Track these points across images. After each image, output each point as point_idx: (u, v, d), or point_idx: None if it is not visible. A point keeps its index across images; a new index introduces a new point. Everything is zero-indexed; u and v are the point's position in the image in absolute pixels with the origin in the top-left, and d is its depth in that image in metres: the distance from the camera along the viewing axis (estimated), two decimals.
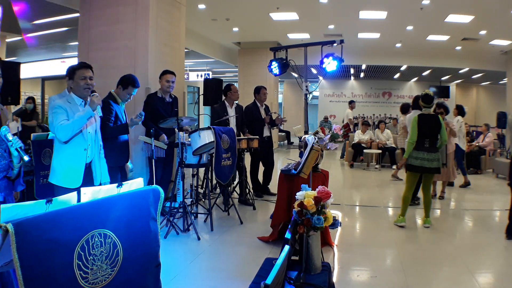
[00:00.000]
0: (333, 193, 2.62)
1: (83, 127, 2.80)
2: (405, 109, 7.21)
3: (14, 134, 2.34)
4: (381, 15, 9.28)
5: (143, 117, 3.55)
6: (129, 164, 3.72)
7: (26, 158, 2.33)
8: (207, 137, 4.18)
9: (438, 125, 4.43)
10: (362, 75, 21.67)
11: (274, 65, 5.00)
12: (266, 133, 5.75)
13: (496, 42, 11.51)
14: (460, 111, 6.99)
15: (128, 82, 3.72)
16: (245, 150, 5.18)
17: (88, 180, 2.90)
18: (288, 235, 2.34)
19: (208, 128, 4.28)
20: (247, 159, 5.47)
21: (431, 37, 11.43)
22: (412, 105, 5.94)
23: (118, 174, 3.71)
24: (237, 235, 4.20)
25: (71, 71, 2.84)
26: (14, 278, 1.78)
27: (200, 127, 4.59)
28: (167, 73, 4.55)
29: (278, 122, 5.78)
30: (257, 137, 5.32)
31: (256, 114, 5.68)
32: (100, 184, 2.97)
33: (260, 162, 5.84)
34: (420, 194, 4.94)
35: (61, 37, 10.33)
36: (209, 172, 5.04)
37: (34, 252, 1.24)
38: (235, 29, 11.23)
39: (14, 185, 2.61)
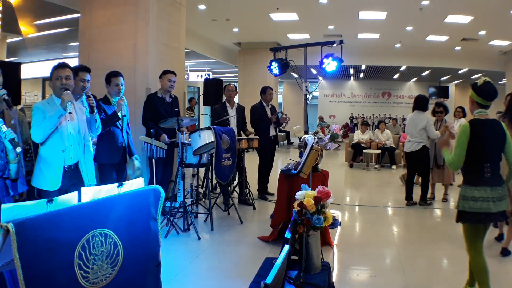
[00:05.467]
0: (333, 193, 2.63)
1: (58, 126, 2.70)
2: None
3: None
4: (381, 15, 9.30)
5: (124, 98, 3.70)
6: (137, 163, 3.70)
7: (18, 149, 2.34)
8: (207, 137, 4.19)
9: (503, 137, 2.62)
10: (361, 75, 21.69)
11: (274, 65, 5.00)
12: (272, 132, 5.77)
13: (496, 42, 11.52)
14: (464, 112, 6.82)
15: (108, 76, 3.82)
16: (246, 150, 5.18)
17: (78, 181, 2.84)
18: (288, 234, 2.35)
19: (208, 128, 4.29)
20: (248, 159, 5.48)
21: (430, 38, 11.44)
22: (414, 105, 5.42)
23: (113, 172, 3.72)
24: (237, 234, 4.21)
25: (50, 72, 2.77)
26: (7, 278, 1.77)
27: (200, 127, 4.60)
28: (168, 72, 4.58)
29: (282, 121, 5.81)
30: (257, 137, 5.32)
31: (262, 114, 5.70)
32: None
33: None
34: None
35: (62, 37, 10.35)
36: (209, 172, 5.04)
37: (35, 252, 1.25)
38: (235, 29, 11.24)
39: (17, 186, 2.60)
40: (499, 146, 2.61)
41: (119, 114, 3.65)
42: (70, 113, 2.70)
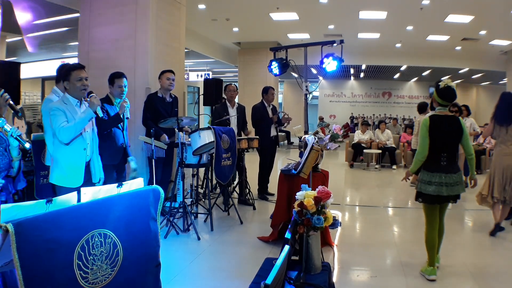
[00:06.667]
0: (333, 193, 2.62)
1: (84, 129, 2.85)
2: (422, 108, 6.94)
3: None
4: (381, 15, 9.29)
5: (127, 100, 3.70)
6: (133, 164, 3.69)
7: (27, 145, 2.36)
8: (207, 137, 4.18)
9: (460, 132, 3.05)
10: (362, 75, 21.69)
11: (274, 65, 5.00)
12: (273, 132, 5.76)
13: (496, 42, 11.52)
14: (468, 111, 6.73)
15: (112, 76, 3.82)
16: (246, 150, 5.18)
17: (88, 178, 2.94)
18: (288, 235, 2.34)
19: (208, 128, 4.28)
20: (248, 159, 5.47)
21: (431, 37, 11.44)
22: (431, 105, 5.62)
23: (113, 173, 3.73)
24: (237, 235, 4.20)
25: (66, 72, 2.84)
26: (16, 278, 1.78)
27: (200, 127, 4.60)
28: (166, 71, 4.59)
29: (284, 121, 5.79)
30: (257, 137, 5.32)
31: (263, 114, 5.69)
32: (99, 180, 3.03)
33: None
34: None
35: (61, 37, 10.34)
36: (209, 172, 5.04)
37: (34, 252, 1.24)
38: (235, 29, 11.24)
39: (15, 183, 2.61)
40: (456, 139, 3.05)
41: (121, 116, 3.64)
42: (101, 117, 2.94)
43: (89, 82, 2.92)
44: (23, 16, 7.82)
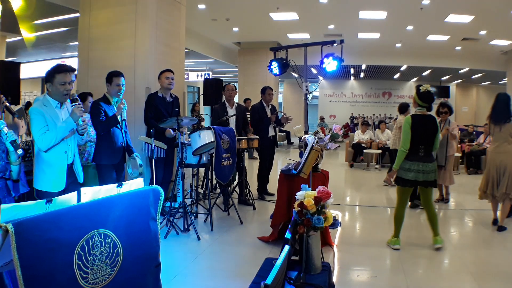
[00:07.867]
0: (333, 193, 2.62)
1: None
2: (403, 108, 7.10)
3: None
4: (381, 15, 9.29)
5: (125, 102, 3.68)
6: (139, 160, 3.65)
7: (19, 151, 2.36)
8: (207, 137, 4.18)
9: (435, 128, 3.68)
10: (362, 75, 21.69)
11: (274, 65, 5.00)
12: (271, 132, 5.75)
13: (496, 42, 11.52)
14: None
15: (110, 75, 3.77)
16: (246, 150, 5.17)
17: (73, 179, 2.87)
18: (288, 235, 2.34)
19: (208, 128, 4.28)
20: (248, 159, 5.47)
21: (431, 37, 11.44)
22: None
23: (113, 172, 3.72)
24: (237, 235, 4.20)
25: (51, 74, 2.73)
26: (6, 278, 1.77)
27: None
28: (165, 71, 4.58)
29: (284, 121, 5.78)
30: (257, 137, 5.32)
31: (262, 114, 5.68)
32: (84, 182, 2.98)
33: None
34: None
35: (61, 37, 10.34)
36: (209, 172, 5.04)
37: (34, 252, 1.24)
38: (235, 29, 11.24)
39: (18, 187, 2.61)
40: (431, 134, 3.65)
41: (118, 118, 3.62)
42: (83, 129, 2.83)
43: (72, 86, 2.81)
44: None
